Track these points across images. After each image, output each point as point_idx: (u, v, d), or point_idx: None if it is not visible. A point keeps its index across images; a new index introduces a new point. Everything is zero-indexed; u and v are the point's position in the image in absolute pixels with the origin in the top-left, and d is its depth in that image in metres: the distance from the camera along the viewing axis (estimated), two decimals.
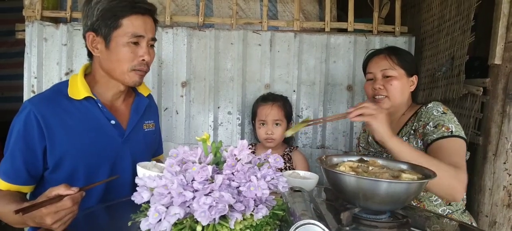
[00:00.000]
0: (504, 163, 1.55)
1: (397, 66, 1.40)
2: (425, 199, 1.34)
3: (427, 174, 0.98)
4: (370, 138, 1.57)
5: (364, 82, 1.52)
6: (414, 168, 1.06)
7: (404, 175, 0.97)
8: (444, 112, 1.30)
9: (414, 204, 1.34)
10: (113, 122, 1.23)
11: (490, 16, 1.58)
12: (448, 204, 1.32)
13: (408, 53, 1.53)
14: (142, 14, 1.17)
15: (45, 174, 1.15)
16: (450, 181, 1.14)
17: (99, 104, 1.21)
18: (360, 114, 1.16)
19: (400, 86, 1.39)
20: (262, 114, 1.79)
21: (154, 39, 1.24)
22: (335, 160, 1.12)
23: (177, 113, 2.05)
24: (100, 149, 1.19)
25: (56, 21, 2.03)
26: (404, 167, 1.08)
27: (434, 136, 1.26)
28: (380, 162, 1.12)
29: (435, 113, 1.31)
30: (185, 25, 2.05)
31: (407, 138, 1.38)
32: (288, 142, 1.91)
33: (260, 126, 1.80)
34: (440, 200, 1.31)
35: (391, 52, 1.44)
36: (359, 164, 1.09)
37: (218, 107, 2.07)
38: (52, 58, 1.98)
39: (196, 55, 2.04)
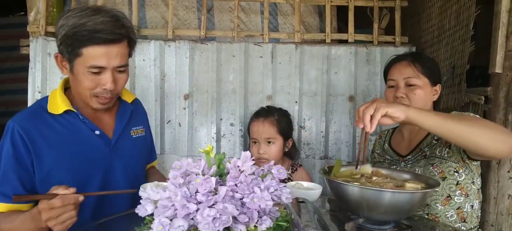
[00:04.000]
0: (508, 171, 1.55)
1: (421, 74, 1.33)
2: (441, 215, 1.28)
3: (431, 184, 0.98)
4: (386, 145, 1.53)
5: (366, 93, 1.51)
6: (417, 177, 1.06)
7: (408, 185, 0.97)
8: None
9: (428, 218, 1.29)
10: (97, 132, 1.21)
11: (490, 25, 1.59)
12: (463, 220, 1.28)
13: (432, 60, 1.45)
14: (104, 44, 1.08)
15: (39, 191, 1.15)
16: (494, 132, 1.03)
17: (80, 117, 1.20)
18: (371, 119, 1.01)
19: (423, 95, 1.32)
20: (254, 132, 1.70)
21: (122, 66, 1.15)
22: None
23: (180, 125, 2.05)
24: (87, 162, 1.18)
25: None
26: (407, 176, 1.08)
27: None
28: (383, 171, 1.12)
29: None
30: (187, 38, 2.07)
31: (429, 149, 1.33)
32: (292, 156, 1.81)
33: (252, 144, 1.71)
34: (455, 217, 1.27)
35: (416, 59, 1.36)
36: (363, 174, 1.09)
37: (221, 119, 2.08)
38: (56, 73, 1.99)
39: (198, 68, 2.06)
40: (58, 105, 1.18)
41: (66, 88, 1.26)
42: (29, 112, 1.18)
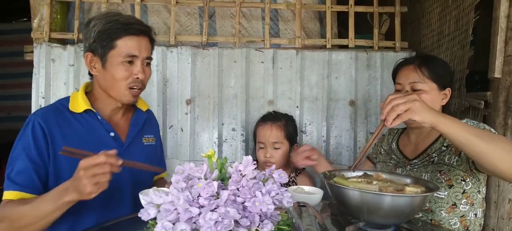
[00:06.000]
0: None
1: (427, 79, 1.30)
2: (445, 222, 1.26)
3: (430, 188, 0.99)
4: (394, 144, 1.51)
5: (367, 97, 1.51)
6: (417, 181, 1.07)
7: (407, 189, 0.98)
8: (481, 124, 1.25)
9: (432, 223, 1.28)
10: (112, 134, 1.28)
11: (489, 30, 1.60)
12: (466, 228, 1.28)
13: (442, 63, 1.40)
14: (136, 35, 1.23)
15: (49, 184, 1.18)
16: None
17: (99, 117, 1.27)
18: (397, 116, 1.00)
19: (429, 100, 1.28)
20: (261, 136, 1.71)
21: (149, 58, 1.29)
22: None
23: (182, 130, 2.07)
24: None
25: (63, 42, 2.08)
26: (408, 180, 1.09)
27: None
28: (383, 175, 1.13)
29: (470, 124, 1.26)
30: (189, 44, 2.09)
31: (437, 155, 1.31)
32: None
33: (259, 148, 1.72)
34: (458, 224, 1.27)
35: (422, 63, 1.33)
36: (363, 179, 1.10)
37: (222, 124, 2.10)
38: (59, 79, 2.02)
39: (200, 74, 2.07)
40: (79, 104, 1.26)
41: (86, 92, 1.32)
42: (51, 108, 1.26)
